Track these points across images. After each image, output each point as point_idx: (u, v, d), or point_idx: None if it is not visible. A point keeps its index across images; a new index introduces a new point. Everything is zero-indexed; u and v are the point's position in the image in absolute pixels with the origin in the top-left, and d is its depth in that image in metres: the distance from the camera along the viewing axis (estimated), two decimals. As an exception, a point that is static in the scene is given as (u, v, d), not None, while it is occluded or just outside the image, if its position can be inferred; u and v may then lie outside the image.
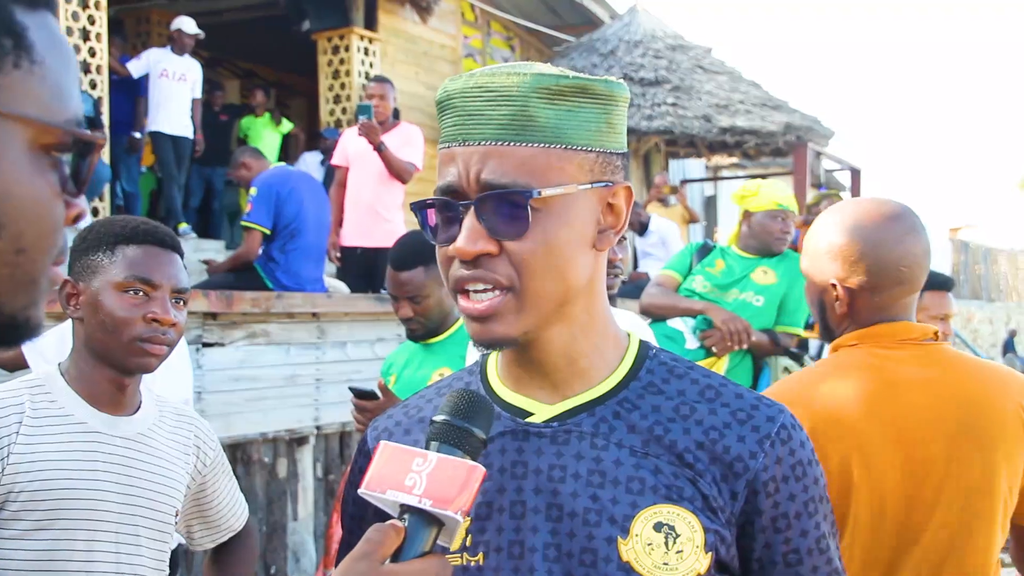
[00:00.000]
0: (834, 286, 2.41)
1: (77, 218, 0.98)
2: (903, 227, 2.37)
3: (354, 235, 7.74)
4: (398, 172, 7.75)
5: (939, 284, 3.89)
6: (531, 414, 1.42)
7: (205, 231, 11.49)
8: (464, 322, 1.37)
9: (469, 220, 1.31)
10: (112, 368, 2.26)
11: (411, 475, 1.23)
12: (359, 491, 1.27)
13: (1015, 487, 2.30)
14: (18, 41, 0.89)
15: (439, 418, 1.29)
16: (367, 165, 7.77)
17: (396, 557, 1.21)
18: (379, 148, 7.57)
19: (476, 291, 1.33)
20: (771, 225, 5.28)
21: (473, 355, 3.11)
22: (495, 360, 1.51)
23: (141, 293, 2.24)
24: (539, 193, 1.29)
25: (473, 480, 1.22)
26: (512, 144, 1.31)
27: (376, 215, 7.82)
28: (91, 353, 2.26)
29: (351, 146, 7.96)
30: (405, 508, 1.23)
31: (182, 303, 2.32)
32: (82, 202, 0.98)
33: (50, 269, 0.95)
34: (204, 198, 11.95)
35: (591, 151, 1.35)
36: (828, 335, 2.52)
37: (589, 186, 1.34)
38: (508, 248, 1.31)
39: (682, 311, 5.08)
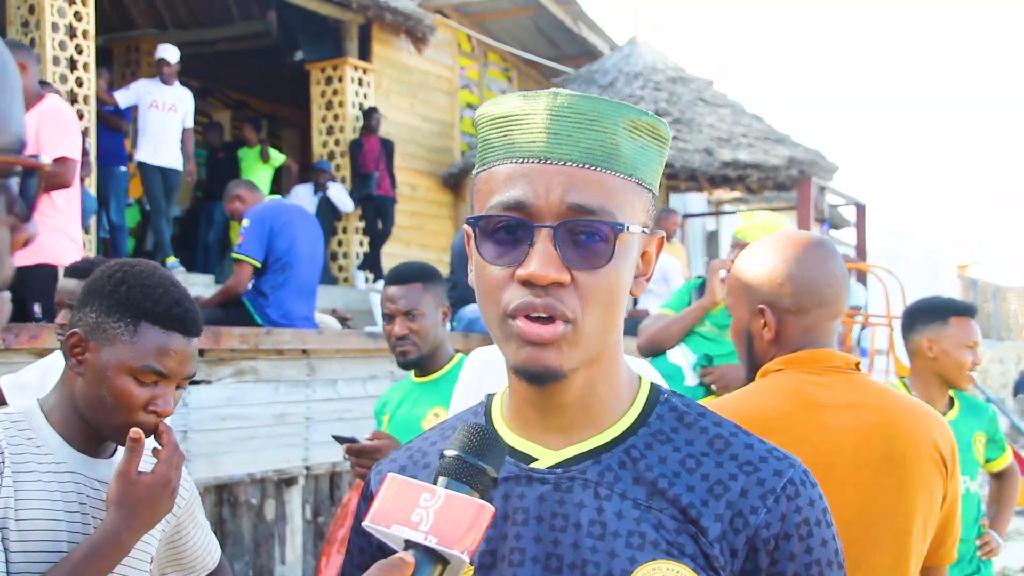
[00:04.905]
0: (762, 311, 2.48)
1: (27, 242, 0.96)
2: (824, 251, 2.49)
3: None
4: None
5: (963, 310, 3.95)
6: (535, 459, 1.39)
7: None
8: (508, 346, 1.32)
9: (543, 245, 1.28)
10: (95, 430, 2.21)
11: (418, 510, 1.21)
12: (363, 523, 1.25)
13: (931, 523, 2.41)
14: None
15: (450, 453, 1.25)
16: None
17: None
18: None
19: (539, 318, 1.29)
20: None
21: (459, 397, 3.02)
22: (500, 401, 1.48)
23: (150, 382, 2.18)
24: (627, 228, 1.29)
25: (482, 519, 1.20)
26: (599, 170, 1.29)
27: None
28: (78, 409, 2.19)
29: None
30: (409, 544, 1.21)
31: (184, 383, 2.27)
32: (31, 226, 0.95)
33: None
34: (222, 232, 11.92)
35: (650, 190, 1.36)
36: (753, 369, 2.57)
37: (642, 231, 1.35)
38: (579, 280, 1.29)
39: (679, 327, 4.87)
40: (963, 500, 3.92)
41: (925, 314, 4.02)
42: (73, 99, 8.69)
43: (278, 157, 12.16)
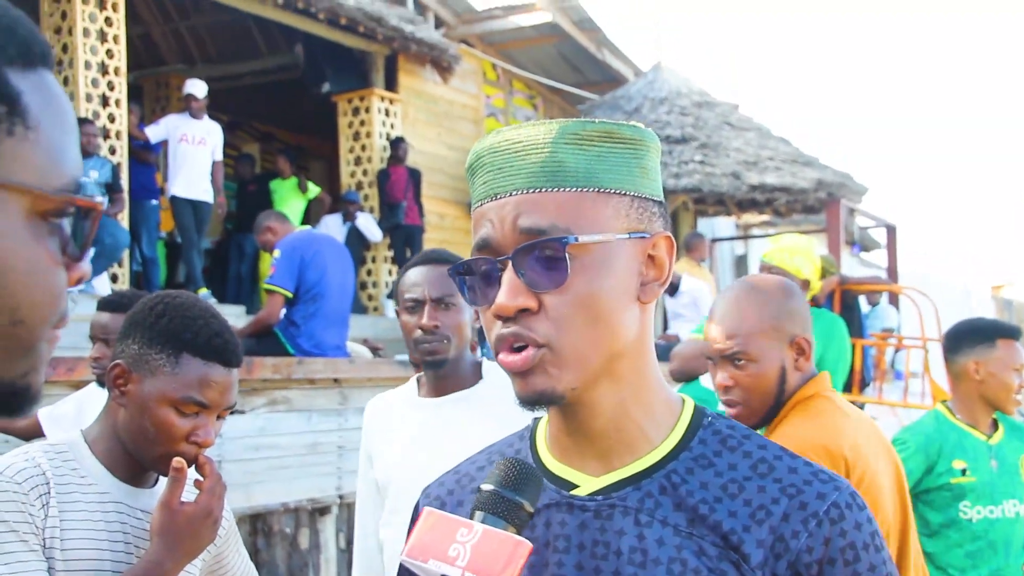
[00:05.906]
0: (800, 343, 2.59)
1: (79, 280, 0.98)
2: None
3: None
4: None
5: (1010, 332, 3.96)
6: (576, 486, 1.38)
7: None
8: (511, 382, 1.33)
9: (508, 275, 1.29)
10: (138, 460, 2.23)
11: (455, 545, 1.22)
12: (400, 557, 1.26)
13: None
14: (12, 107, 0.88)
15: (487, 487, 1.27)
16: None
17: None
18: None
19: (514, 348, 1.30)
20: None
21: (362, 442, 3.11)
22: (544, 427, 1.48)
23: (191, 413, 2.19)
24: (576, 239, 1.27)
25: (519, 556, 1.20)
26: (544, 191, 1.29)
27: None
28: (120, 439, 2.22)
29: None
30: None
31: (225, 414, 2.28)
32: (84, 264, 0.98)
33: (50, 335, 0.96)
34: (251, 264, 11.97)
35: (625, 195, 1.33)
36: (777, 407, 2.62)
37: (627, 236, 1.32)
38: (547, 304, 1.29)
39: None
40: (1012, 524, 3.88)
41: (971, 336, 3.97)
42: (105, 135, 8.78)
43: (314, 189, 12.24)
